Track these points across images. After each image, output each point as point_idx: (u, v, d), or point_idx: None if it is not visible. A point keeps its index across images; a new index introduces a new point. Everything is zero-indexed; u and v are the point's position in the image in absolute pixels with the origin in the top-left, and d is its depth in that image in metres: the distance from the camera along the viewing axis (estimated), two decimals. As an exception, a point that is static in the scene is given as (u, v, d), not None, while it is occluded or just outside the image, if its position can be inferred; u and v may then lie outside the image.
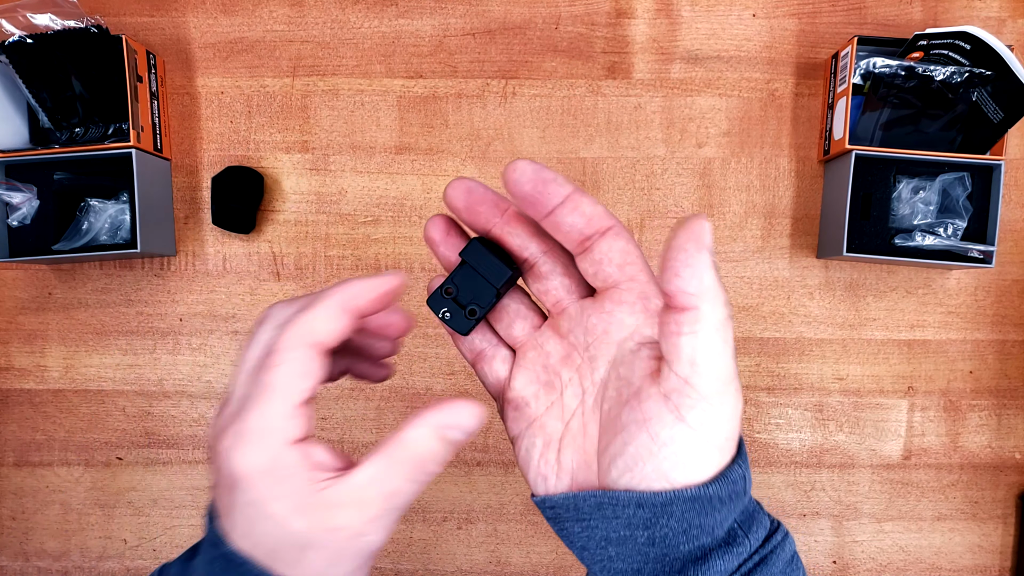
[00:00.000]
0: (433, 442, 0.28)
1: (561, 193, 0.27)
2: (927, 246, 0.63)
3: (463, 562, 0.70)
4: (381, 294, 0.29)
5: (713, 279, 0.24)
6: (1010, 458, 0.69)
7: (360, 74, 0.68)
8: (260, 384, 0.28)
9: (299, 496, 0.27)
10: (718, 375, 0.25)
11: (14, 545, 0.71)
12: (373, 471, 0.28)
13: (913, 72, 0.61)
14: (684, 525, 0.27)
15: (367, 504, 0.28)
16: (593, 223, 0.28)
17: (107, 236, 0.65)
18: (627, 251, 0.28)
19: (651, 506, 0.27)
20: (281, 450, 0.27)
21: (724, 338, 0.25)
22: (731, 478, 0.27)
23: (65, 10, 0.61)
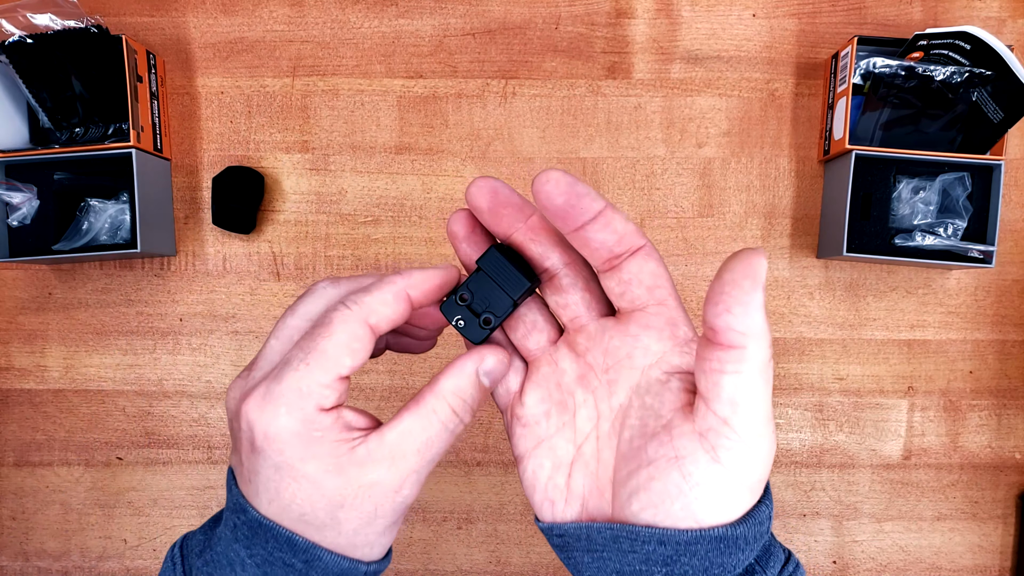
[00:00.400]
0: (469, 390, 0.29)
1: (594, 208, 0.26)
2: (927, 246, 0.63)
3: (463, 562, 0.70)
4: (439, 285, 0.29)
5: (763, 319, 0.23)
6: (1010, 458, 0.69)
7: (360, 74, 0.68)
8: (306, 350, 0.27)
9: (331, 456, 0.27)
10: (758, 417, 0.24)
11: (14, 545, 0.71)
12: (407, 425, 0.28)
13: (913, 72, 0.61)
14: (706, 563, 0.26)
15: (401, 458, 0.28)
16: (624, 241, 0.27)
17: (107, 236, 0.65)
18: (657, 274, 0.27)
19: (674, 544, 0.26)
20: (314, 414, 0.27)
21: (766, 379, 0.24)
22: (758, 519, 0.26)
23: (65, 10, 0.61)
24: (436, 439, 0.28)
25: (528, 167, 0.69)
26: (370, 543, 0.29)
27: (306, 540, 0.28)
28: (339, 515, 0.28)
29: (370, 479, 0.27)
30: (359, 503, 0.27)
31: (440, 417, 0.28)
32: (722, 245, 0.69)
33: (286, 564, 0.28)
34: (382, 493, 0.28)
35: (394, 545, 0.70)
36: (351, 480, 0.27)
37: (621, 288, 0.28)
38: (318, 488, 0.27)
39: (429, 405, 0.28)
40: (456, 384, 0.29)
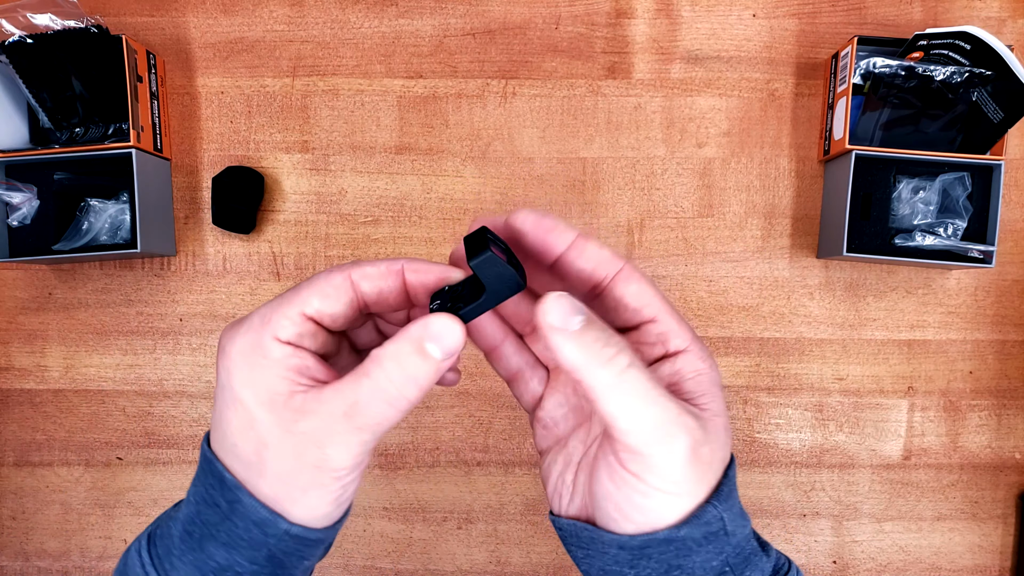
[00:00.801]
0: (411, 358, 0.26)
1: (564, 240, 0.27)
2: (927, 246, 0.63)
3: (463, 562, 0.70)
4: (437, 277, 0.29)
5: (574, 350, 0.25)
6: (1010, 458, 0.69)
7: (360, 74, 0.68)
8: (286, 291, 0.29)
9: (269, 391, 0.27)
10: (643, 429, 0.25)
11: (14, 545, 0.71)
12: (342, 385, 0.27)
13: (913, 72, 0.61)
14: (664, 567, 0.27)
15: (331, 417, 0.27)
16: (601, 268, 0.28)
17: (107, 236, 0.65)
18: (640, 293, 0.28)
19: (630, 548, 0.27)
20: (267, 340, 0.27)
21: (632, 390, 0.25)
22: (704, 519, 0.26)
23: (65, 10, 0.61)
24: (367, 405, 0.26)
25: (528, 167, 0.69)
26: (293, 499, 0.28)
27: (234, 479, 0.28)
28: (264, 455, 0.27)
29: (299, 428, 0.27)
30: (284, 448, 0.27)
31: (374, 383, 0.26)
32: (722, 245, 0.69)
33: (215, 504, 0.28)
34: (305, 445, 0.27)
35: (394, 545, 0.70)
36: (281, 421, 0.27)
37: (611, 315, 0.29)
38: (250, 420, 0.27)
39: (365, 368, 0.27)
40: (396, 349, 0.26)
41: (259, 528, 0.28)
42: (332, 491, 0.28)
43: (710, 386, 0.28)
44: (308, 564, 0.30)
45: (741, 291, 0.69)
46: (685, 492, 0.26)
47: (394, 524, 0.70)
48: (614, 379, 0.25)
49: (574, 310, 0.26)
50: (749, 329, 0.69)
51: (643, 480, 0.26)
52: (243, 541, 0.28)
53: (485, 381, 0.69)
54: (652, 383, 0.26)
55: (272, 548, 0.28)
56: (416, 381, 0.26)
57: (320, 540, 0.29)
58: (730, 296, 0.69)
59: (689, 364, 0.28)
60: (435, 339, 0.26)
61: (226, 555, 0.28)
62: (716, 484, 0.27)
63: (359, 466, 0.28)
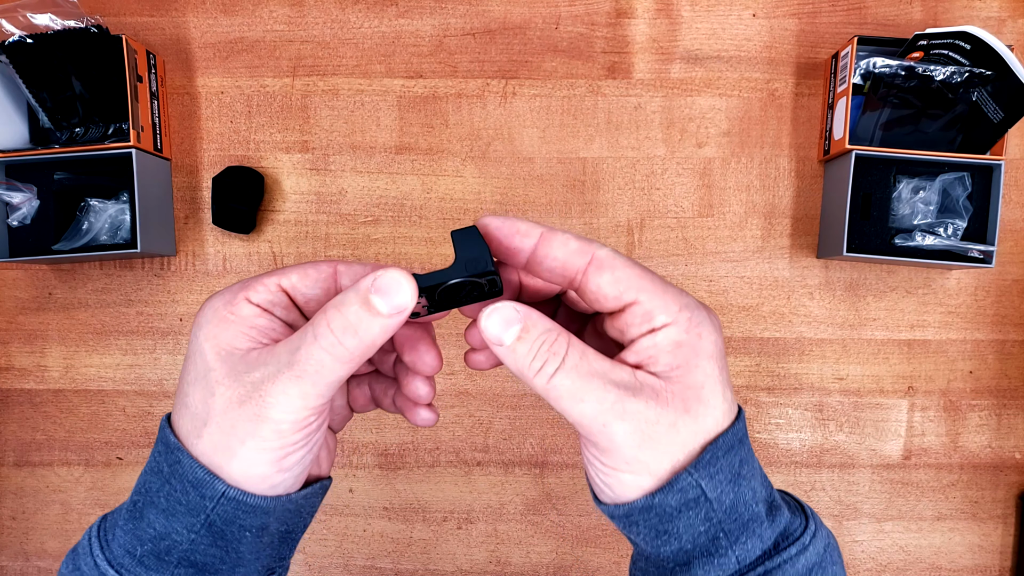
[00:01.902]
0: (354, 308, 0.26)
1: (528, 243, 0.28)
2: (927, 246, 0.63)
3: (463, 562, 0.70)
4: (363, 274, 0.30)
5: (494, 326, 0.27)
6: (1010, 458, 0.69)
7: (360, 74, 0.68)
8: None
9: (231, 344, 0.28)
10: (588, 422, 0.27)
11: (14, 545, 0.71)
12: (292, 336, 0.27)
13: (913, 72, 0.61)
14: (651, 532, 0.28)
15: (276, 365, 0.27)
16: (571, 263, 0.28)
17: (107, 236, 0.65)
18: (616, 281, 0.27)
19: (619, 518, 0.29)
20: (239, 300, 0.28)
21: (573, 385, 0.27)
22: (678, 487, 0.27)
23: (65, 10, 0.61)
24: (308, 353, 0.26)
25: (528, 167, 0.69)
26: (230, 450, 0.27)
27: (176, 441, 0.28)
28: (210, 404, 0.27)
29: (247, 378, 0.27)
30: (229, 396, 0.27)
31: (316, 330, 0.26)
32: (722, 245, 0.69)
33: (158, 471, 0.28)
34: (249, 394, 0.26)
35: (394, 545, 0.70)
36: (233, 371, 0.27)
37: (596, 303, 0.28)
38: (205, 370, 0.27)
39: (313, 319, 0.27)
40: (342, 299, 0.26)
41: (196, 490, 0.27)
42: (270, 446, 0.27)
43: (690, 358, 0.27)
44: (252, 540, 0.29)
45: (741, 291, 0.69)
46: (643, 470, 0.27)
47: (394, 524, 0.70)
48: (545, 386, 0.27)
49: (508, 323, 0.27)
50: (749, 329, 0.69)
51: (602, 461, 0.28)
52: (181, 506, 0.27)
53: (485, 381, 0.69)
54: (585, 379, 0.26)
55: (210, 513, 0.27)
56: (358, 333, 0.26)
57: (261, 509, 0.28)
58: (730, 296, 0.69)
59: (669, 337, 0.27)
60: (382, 292, 0.26)
61: (164, 522, 0.28)
62: (698, 450, 0.27)
63: (304, 427, 0.27)
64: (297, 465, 0.29)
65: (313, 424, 0.28)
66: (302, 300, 0.30)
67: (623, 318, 0.28)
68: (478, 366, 0.33)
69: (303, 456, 0.28)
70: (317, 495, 0.32)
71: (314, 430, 0.28)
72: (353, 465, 0.70)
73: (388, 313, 0.26)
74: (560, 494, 0.70)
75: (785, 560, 0.28)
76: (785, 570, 0.28)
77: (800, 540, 0.28)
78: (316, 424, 0.28)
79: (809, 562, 0.28)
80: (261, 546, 0.30)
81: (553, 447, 0.69)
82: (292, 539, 0.32)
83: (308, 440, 0.28)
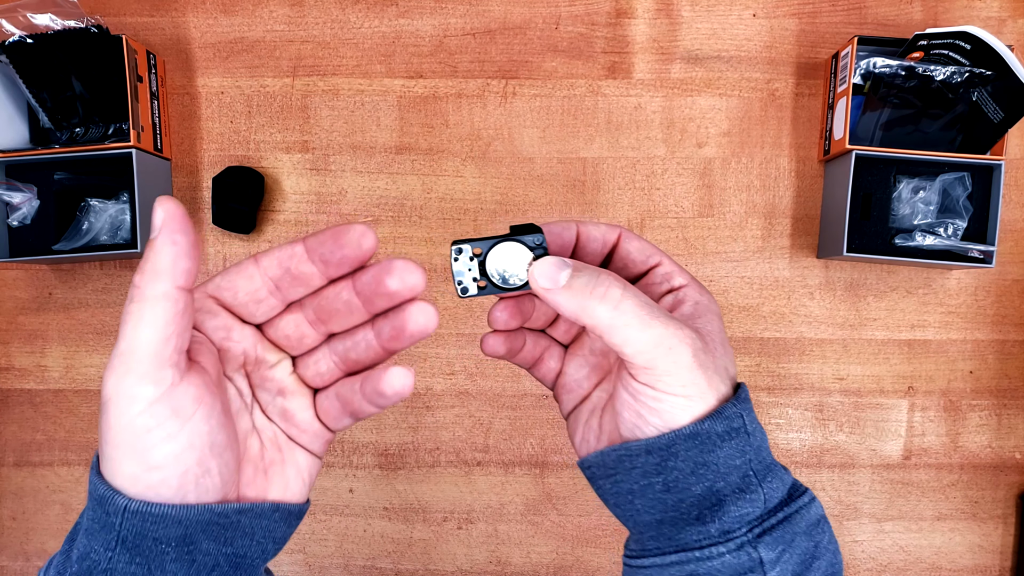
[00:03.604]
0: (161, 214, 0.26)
1: (571, 233, 0.33)
2: (927, 246, 0.63)
3: (463, 562, 0.70)
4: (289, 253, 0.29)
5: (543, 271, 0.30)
6: (1010, 458, 0.69)
7: (360, 74, 0.68)
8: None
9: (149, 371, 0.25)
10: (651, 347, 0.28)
11: (14, 545, 0.71)
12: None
13: (913, 72, 0.61)
14: (691, 465, 0.29)
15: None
16: (607, 238, 0.33)
17: (107, 236, 0.65)
18: (642, 247, 0.33)
19: (657, 450, 0.29)
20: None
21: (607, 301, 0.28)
22: (725, 415, 0.29)
23: (65, 10, 0.61)
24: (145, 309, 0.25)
25: (528, 167, 0.69)
26: (108, 458, 0.26)
27: (95, 460, 0.27)
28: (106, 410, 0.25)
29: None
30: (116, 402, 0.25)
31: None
32: (722, 245, 0.69)
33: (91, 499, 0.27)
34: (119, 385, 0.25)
35: (394, 545, 0.70)
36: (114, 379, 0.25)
37: (625, 269, 0.33)
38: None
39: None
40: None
41: (102, 507, 0.26)
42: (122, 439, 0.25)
43: (706, 312, 0.32)
44: (179, 557, 0.27)
45: (741, 291, 0.69)
46: (695, 394, 0.29)
47: (394, 524, 0.70)
48: (612, 311, 0.28)
49: (559, 268, 0.29)
50: (749, 329, 0.69)
51: (656, 388, 0.28)
52: (96, 524, 0.26)
53: (485, 381, 0.69)
54: (647, 308, 0.28)
55: (119, 528, 0.26)
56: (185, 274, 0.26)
57: (170, 518, 0.26)
58: (730, 296, 0.69)
59: (689, 296, 0.32)
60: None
61: (86, 542, 0.27)
62: (729, 393, 0.30)
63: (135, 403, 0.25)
64: (172, 463, 0.26)
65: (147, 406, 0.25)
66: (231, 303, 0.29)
67: (647, 280, 0.33)
68: (494, 350, 0.34)
69: (172, 451, 0.26)
70: (267, 515, 0.29)
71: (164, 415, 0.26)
72: (353, 465, 0.70)
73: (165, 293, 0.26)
74: (560, 494, 0.70)
75: (802, 506, 0.30)
76: (802, 515, 0.30)
77: (807, 493, 0.31)
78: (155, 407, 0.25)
79: (819, 512, 0.31)
80: (201, 568, 0.28)
81: (553, 447, 0.69)
82: (249, 565, 0.29)
83: (161, 427, 0.25)
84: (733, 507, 0.29)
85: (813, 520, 0.30)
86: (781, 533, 0.29)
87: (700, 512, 0.29)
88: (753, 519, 0.29)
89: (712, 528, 0.29)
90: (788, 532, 0.29)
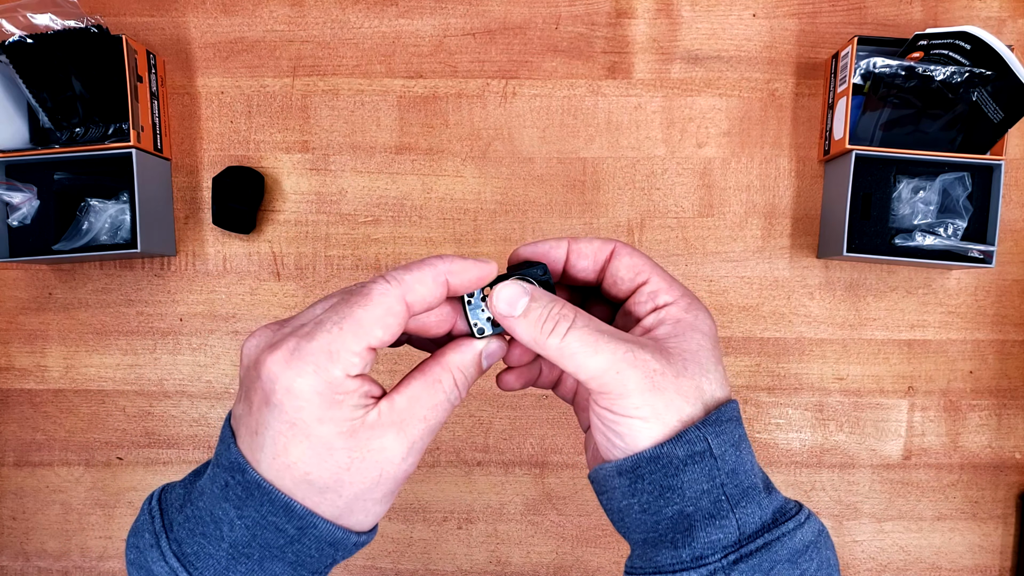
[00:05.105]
0: (472, 367, 0.31)
1: (562, 251, 0.33)
2: (927, 246, 0.63)
3: (463, 562, 0.70)
4: (478, 276, 0.31)
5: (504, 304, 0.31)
6: (1010, 458, 0.69)
7: (360, 74, 0.68)
8: (341, 314, 0.28)
9: (347, 420, 0.28)
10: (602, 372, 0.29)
11: (14, 545, 0.71)
12: (415, 391, 0.29)
13: (913, 72, 0.61)
14: (657, 488, 0.29)
15: (409, 423, 0.29)
16: (598, 256, 0.33)
17: (107, 236, 0.65)
18: (631, 264, 0.33)
19: (626, 471, 0.30)
20: (340, 378, 0.27)
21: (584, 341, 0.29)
22: (686, 438, 0.29)
23: (65, 10, 0.61)
24: (439, 407, 0.30)
25: (528, 167, 0.69)
26: (366, 511, 0.30)
27: (304, 507, 0.28)
28: (344, 478, 0.28)
29: (379, 443, 0.28)
30: (365, 467, 0.28)
31: (444, 387, 0.30)
32: (722, 245, 0.69)
33: (279, 529, 0.28)
34: (388, 458, 0.29)
35: (394, 545, 0.70)
36: (360, 443, 0.28)
37: (615, 287, 0.34)
38: (328, 450, 0.27)
39: (435, 374, 0.30)
40: (461, 359, 0.31)
41: (332, 547, 0.29)
42: (395, 494, 0.30)
43: (687, 330, 0.31)
44: None
45: (741, 291, 0.69)
46: (651, 415, 0.29)
47: (394, 524, 0.70)
48: (560, 343, 0.29)
49: (517, 296, 0.30)
50: (749, 329, 0.69)
51: (613, 411, 0.29)
52: (311, 559, 0.29)
53: (485, 381, 0.69)
54: (596, 334, 0.29)
55: (337, 559, 0.30)
56: (468, 386, 0.32)
57: (365, 543, 0.31)
58: (730, 296, 0.69)
59: (670, 314, 0.32)
60: (489, 356, 0.32)
61: (292, 572, 0.30)
62: (697, 414, 0.30)
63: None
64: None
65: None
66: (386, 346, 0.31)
67: (634, 299, 0.33)
68: (508, 386, 0.36)
69: None
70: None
71: None
72: (353, 465, 0.70)
73: (487, 367, 0.32)
74: (560, 494, 0.70)
75: (784, 533, 0.29)
76: (784, 543, 0.28)
77: (796, 518, 0.29)
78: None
79: (805, 539, 0.29)
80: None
81: (553, 447, 0.69)
82: None
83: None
84: (702, 532, 0.28)
85: (799, 547, 0.29)
86: (758, 561, 0.28)
87: (673, 536, 0.29)
88: (728, 545, 0.28)
89: (684, 553, 0.29)
90: (767, 560, 0.28)
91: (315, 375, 0.27)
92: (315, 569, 0.30)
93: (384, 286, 0.28)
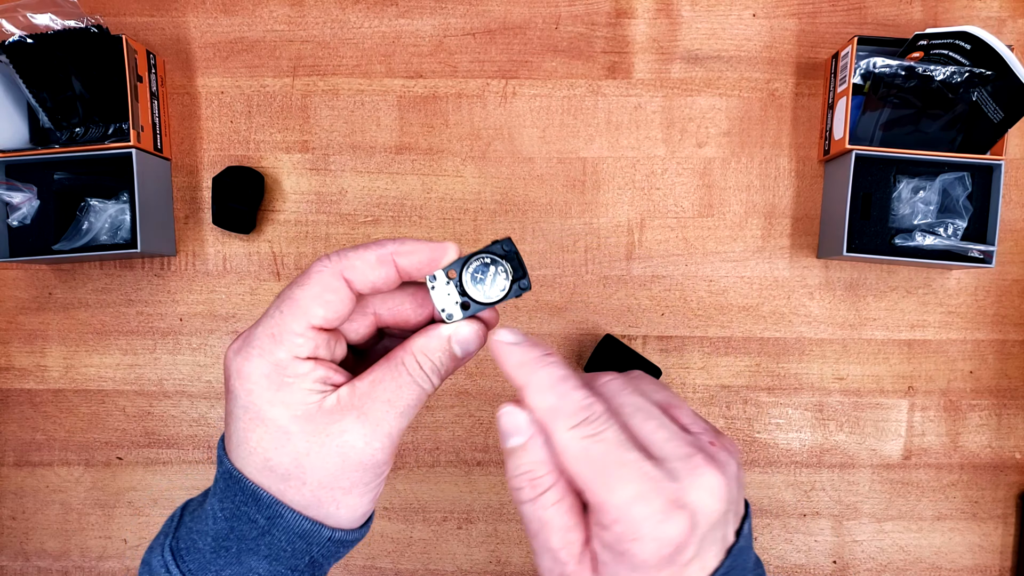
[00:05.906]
0: (441, 352, 0.29)
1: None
2: (927, 246, 0.63)
3: (463, 562, 0.70)
4: (429, 258, 0.29)
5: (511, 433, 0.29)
6: (1010, 458, 0.69)
7: (360, 74, 0.68)
8: (282, 298, 0.28)
9: (301, 404, 0.27)
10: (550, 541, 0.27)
11: (14, 545, 0.71)
12: (378, 374, 0.29)
13: (913, 72, 0.61)
14: None
15: (371, 408, 0.28)
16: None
17: (107, 236, 0.65)
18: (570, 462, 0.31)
19: None
20: (287, 360, 0.27)
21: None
22: None
23: (65, 10, 0.61)
24: (404, 389, 0.28)
25: (528, 167, 0.69)
26: (336, 501, 0.29)
27: (270, 495, 0.28)
28: (304, 463, 0.28)
29: (338, 427, 0.28)
30: (325, 452, 0.27)
31: (408, 368, 0.29)
32: (722, 245, 0.69)
33: (251, 520, 0.28)
34: (349, 443, 0.28)
35: (394, 545, 0.70)
36: (318, 428, 0.27)
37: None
38: (285, 434, 0.27)
39: (398, 357, 0.29)
40: (426, 343, 0.29)
41: (303, 539, 0.29)
42: (372, 487, 0.29)
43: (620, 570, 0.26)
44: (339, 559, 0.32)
45: (741, 291, 0.69)
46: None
47: (394, 524, 0.70)
48: (519, 506, 0.29)
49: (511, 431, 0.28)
50: (749, 329, 0.69)
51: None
52: (285, 552, 0.29)
53: (485, 381, 0.69)
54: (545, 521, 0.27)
55: (314, 555, 0.29)
56: (440, 373, 0.30)
57: (356, 540, 0.31)
58: (730, 296, 0.69)
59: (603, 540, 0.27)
60: (461, 343, 0.30)
61: (268, 567, 0.29)
62: None
63: (393, 457, 0.29)
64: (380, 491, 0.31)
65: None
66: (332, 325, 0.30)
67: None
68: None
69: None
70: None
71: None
72: (353, 465, 0.70)
73: (463, 356, 0.30)
74: (560, 494, 0.70)
75: None
76: None
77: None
78: None
79: None
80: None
81: (553, 447, 0.69)
82: None
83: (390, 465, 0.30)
84: None
85: None
86: None
87: None
88: None
89: None
90: None
91: (260, 358, 0.27)
92: (292, 565, 0.29)
93: (322, 264, 0.28)
